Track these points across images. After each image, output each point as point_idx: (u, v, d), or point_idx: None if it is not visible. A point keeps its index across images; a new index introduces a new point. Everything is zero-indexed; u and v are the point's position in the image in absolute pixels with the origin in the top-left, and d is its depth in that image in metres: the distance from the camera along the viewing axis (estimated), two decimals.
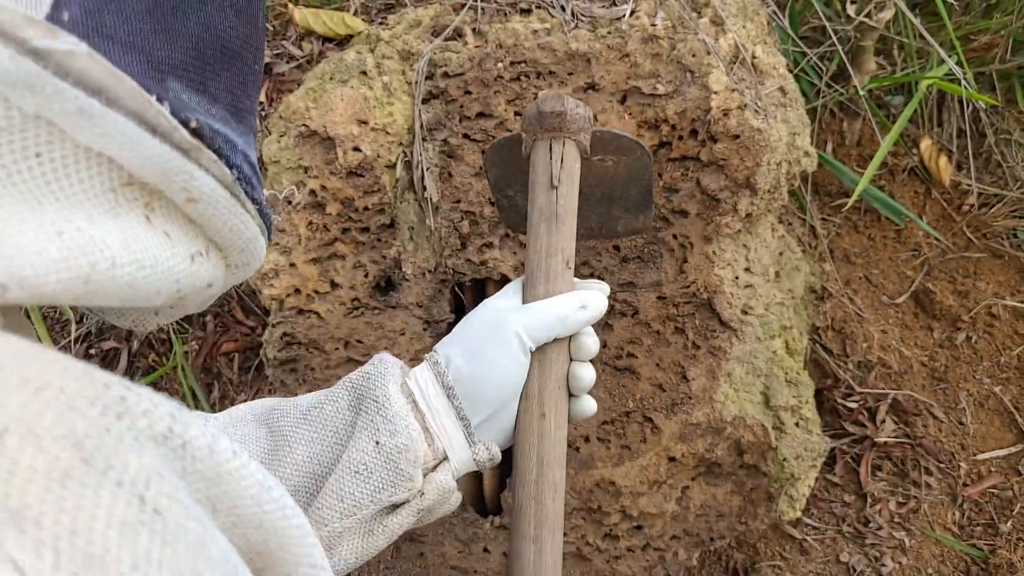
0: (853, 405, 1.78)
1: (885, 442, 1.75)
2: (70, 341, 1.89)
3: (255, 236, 0.52)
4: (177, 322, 1.90)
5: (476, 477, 1.67)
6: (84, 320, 1.92)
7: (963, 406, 1.79)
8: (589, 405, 0.87)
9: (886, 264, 1.91)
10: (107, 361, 1.94)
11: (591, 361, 0.89)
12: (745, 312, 1.48)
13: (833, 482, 1.75)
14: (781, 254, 1.68)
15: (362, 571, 1.59)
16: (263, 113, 1.62)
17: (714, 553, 1.70)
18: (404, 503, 0.79)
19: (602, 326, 1.54)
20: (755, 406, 1.48)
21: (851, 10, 1.71)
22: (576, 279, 0.91)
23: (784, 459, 1.48)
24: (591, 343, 0.85)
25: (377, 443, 0.76)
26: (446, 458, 0.81)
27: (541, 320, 0.81)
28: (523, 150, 0.97)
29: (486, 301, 0.89)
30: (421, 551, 1.61)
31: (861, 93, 1.87)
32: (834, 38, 1.66)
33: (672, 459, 1.49)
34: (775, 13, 1.63)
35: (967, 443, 1.75)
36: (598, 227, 1.08)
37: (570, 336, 0.85)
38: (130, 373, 1.91)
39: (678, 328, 1.49)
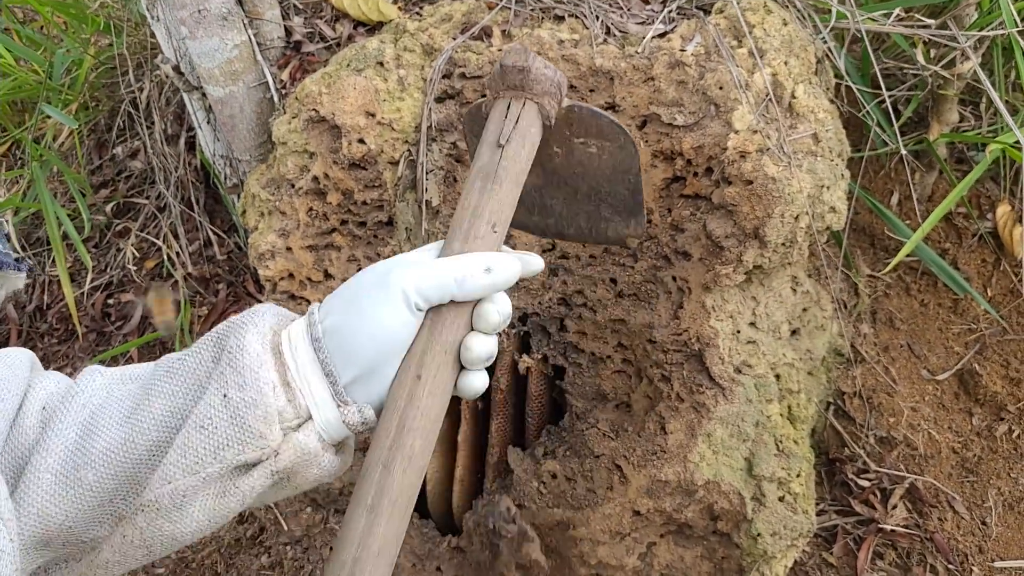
0: (865, 483, 1.64)
1: (893, 529, 1.60)
2: (84, 291, 1.94)
3: None
4: (190, 285, 1.91)
5: (447, 492, 1.61)
6: (107, 270, 1.96)
7: (990, 504, 1.62)
8: (477, 381, 0.76)
9: (934, 335, 1.75)
10: (123, 313, 1.97)
11: (495, 334, 0.79)
12: (739, 370, 1.37)
13: (828, 562, 1.61)
14: (805, 310, 1.55)
15: (313, 568, 1.56)
16: (284, 91, 1.59)
17: None
18: (257, 464, 0.72)
19: (594, 362, 1.46)
20: (734, 472, 1.37)
21: (921, 57, 1.55)
22: (510, 249, 0.81)
23: (758, 534, 1.37)
24: (493, 312, 0.75)
25: (225, 396, 0.71)
26: (310, 417, 0.73)
27: (434, 277, 0.73)
28: (483, 109, 0.90)
29: (398, 254, 0.81)
30: None
31: (933, 145, 1.71)
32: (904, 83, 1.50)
33: (637, 513, 1.40)
34: (830, 51, 1.49)
35: (986, 546, 1.59)
36: (587, 228, 1.00)
37: (474, 302, 0.76)
38: (141, 329, 1.94)
39: (664, 376, 1.39)
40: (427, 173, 1.46)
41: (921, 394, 1.71)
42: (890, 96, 1.64)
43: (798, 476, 1.42)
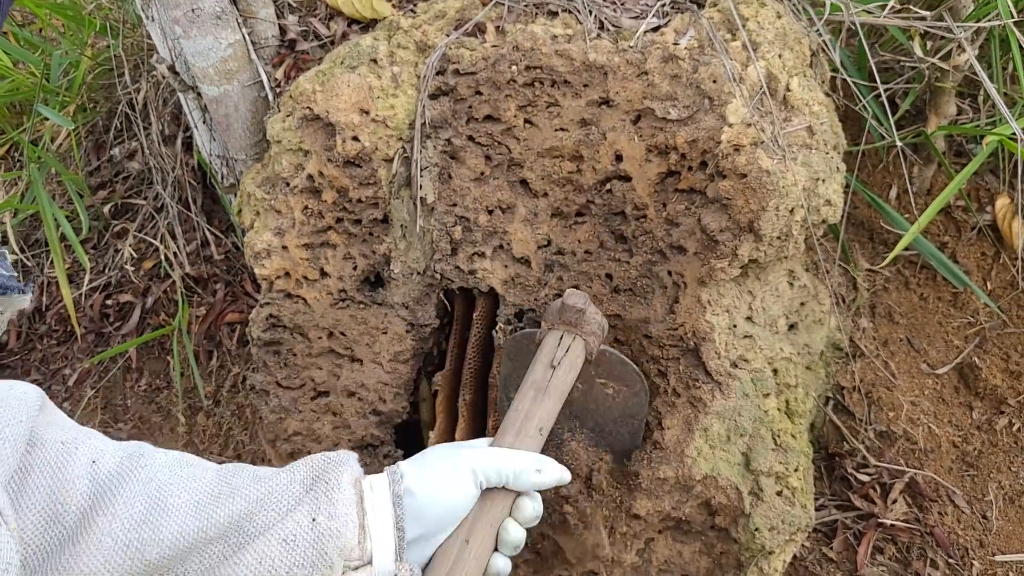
0: (865, 478, 1.63)
1: (893, 524, 1.59)
2: (83, 292, 1.94)
3: None
4: (187, 285, 1.91)
5: None
6: (106, 271, 1.96)
7: (990, 498, 1.61)
8: (503, 566, 0.88)
9: (933, 328, 1.74)
10: (122, 313, 1.97)
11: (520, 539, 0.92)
12: (735, 365, 1.37)
13: (828, 557, 1.61)
14: (802, 304, 1.55)
15: None
16: (279, 90, 1.59)
17: None
18: None
19: None
20: (732, 467, 1.36)
21: (918, 50, 1.54)
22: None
23: (756, 529, 1.36)
24: (530, 508, 0.89)
25: (314, 520, 0.77)
26: (370, 562, 0.80)
27: (496, 463, 0.86)
28: (536, 338, 1.06)
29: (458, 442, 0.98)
30: None
31: (931, 138, 1.70)
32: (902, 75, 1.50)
33: (636, 516, 1.39)
34: (825, 44, 1.49)
35: (987, 540, 1.58)
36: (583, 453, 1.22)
37: (517, 494, 0.89)
38: (140, 329, 1.94)
39: (660, 371, 1.39)
40: (422, 170, 1.46)
41: (921, 388, 1.70)
42: (887, 89, 1.64)
43: (796, 471, 1.41)
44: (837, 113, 1.49)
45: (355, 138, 1.45)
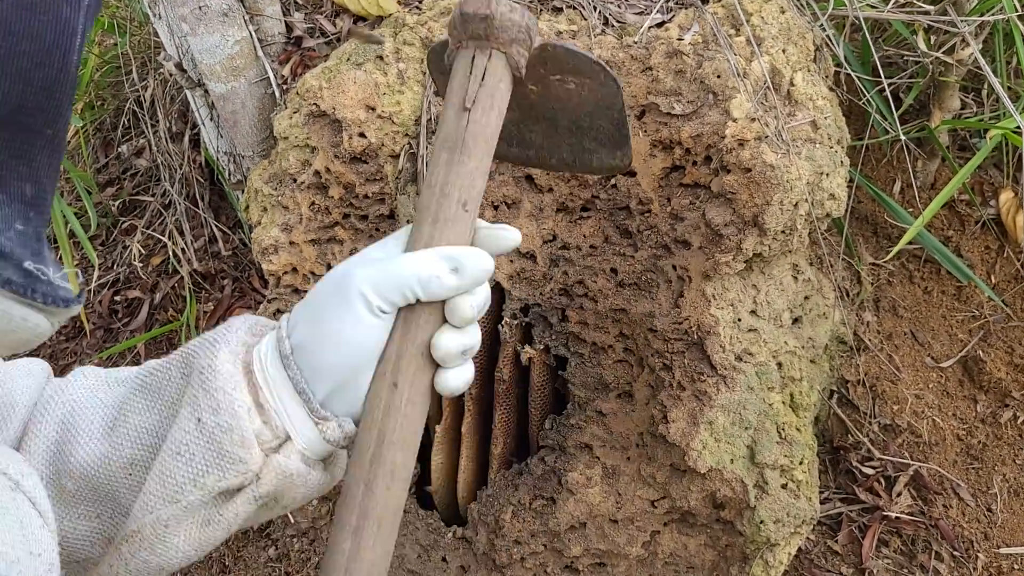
0: (870, 471, 1.64)
1: (898, 517, 1.60)
2: (92, 288, 1.95)
3: (3, 310, 0.49)
4: (195, 281, 1.93)
5: (451, 483, 1.62)
6: (114, 267, 1.98)
7: (995, 491, 1.61)
8: (454, 379, 0.70)
9: (938, 322, 1.75)
10: (130, 309, 1.99)
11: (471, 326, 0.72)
12: (740, 358, 1.37)
13: (834, 550, 1.61)
14: (807, 298, 1.55)
15: (320, 559, 1.57)
16: (285, 86, 1.60)
17: None
18: (240, 489, 0.69)
19: (595, 352, 1.46)
20: (737, 460, 1.37)
21: (922, 44, 1.54)
22: (484, 223, 0.75)
23: (761, 521, 1.37)
24: (466, 307, 0.69)
25: (199, 420, 0.67)
26: (289, 438, 0.69)
27: (394, 278, 0.67)
28: (446, 58, 0.80)
29: (361, 251, 0.75)
30: None
31: (935, 132, 1.71)
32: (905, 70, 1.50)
33: (650, 503, 1.40)
34: (828, 38, 1.49)
35: (991, 533, 1.59)
36: (571, 159, 0.92)
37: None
38: (148, 325, 1.95)
39: (666, 365, 1.39)
40: (427, 166, 1.47)
41: (925, 381, 1.70)
42: (890, 84, 1.64)
43: (801, 463, 1.42)
44: (841, 108, 1.50)
45: (361, 134, 1.46)
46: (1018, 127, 1.44)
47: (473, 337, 0.71)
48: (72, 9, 0.47)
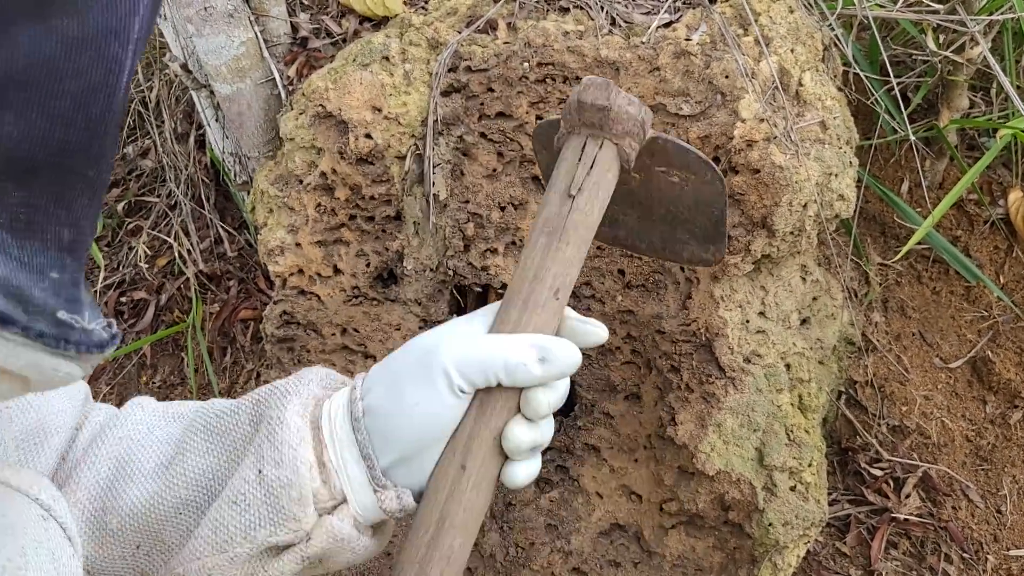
0: (878, 472, 1.63)
1: (906, 519, 1.59)
2: (98, 289, 1.95)
3: (34, 362, 0.48)
4: (201, 283, 1.92)
5: None
6: (120, 268, 1.98)
7: (1005, 493, 1.61)
8: (521, 473, 0.69)
9: (946, 323, 1.74)
10: (136, 310, 1.98)
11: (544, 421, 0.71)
12: (748, 360, 1.37)
13: (842, 552, 1.61)
14: (815, 299, 1.55)
15: None
16: (291, 87, 1.59)
17: None
18: (288, 547, 0.68)
19: (603, 354, 1.46)
20: (745, 462, 1.37)
21: (931, 43, 1.53)
22: (573, 314, 0.73)
23: (770, 524, 1.36)
24: (543, 401, 0.67)
25: (260, 472, 0.66)
26: (345, 500, 0.68)
27: (481, 360, 0.66)
28: (555, 141, 0.79)
29: (448, 322, 0.73)
30: (388, 550, 1.58)
31: (943, 132, 1.70)
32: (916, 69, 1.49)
33: (659, 505, 1.40)
34: (837, 38, 1.48)
35: (1001, 535, 1.58)
36: (660, 246, 0.92)
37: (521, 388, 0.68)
38: (154, 326, 1.95)
39: (673, 367, 1.39)
40: (434, 167, 1.46)
41: (934, 382, 1.70)
42: (899, 83, 1.64)
43: (810, 465, 1.41)
44: (849, 107, 1.49)
45: (368, 135, 1.45)
46: None
47: (545, 434, 0.70)
48: (121, 45, 0.44)
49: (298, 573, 0.70)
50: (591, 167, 0.73)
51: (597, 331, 0.73)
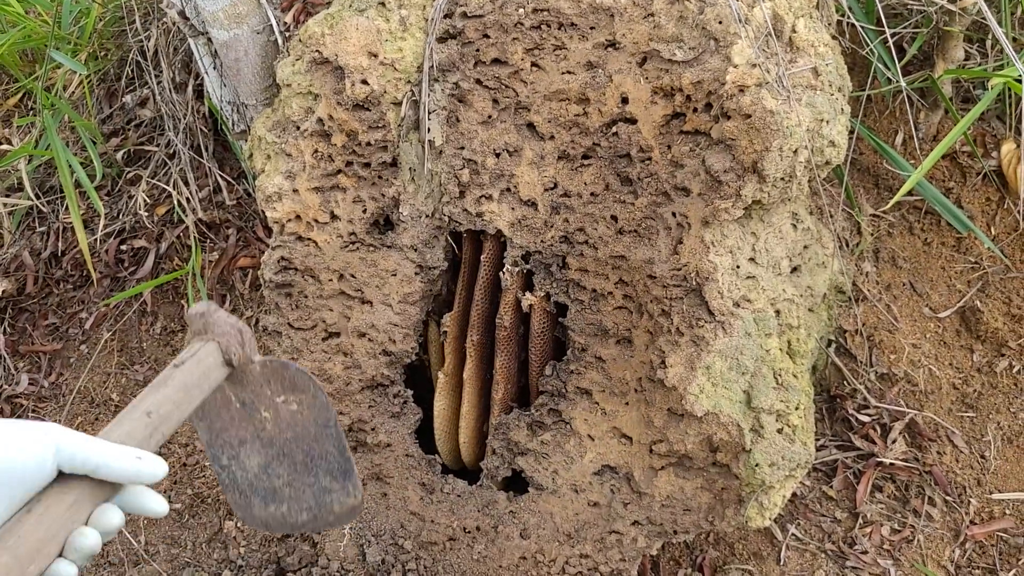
0: (866, 419, 1.66)
1: (892, 463, 1.63)
2: (98, 237, 1.97)
3: None
4: (200, 231, 1.94)
5: (454, 430, 1.65)
6: (120, 217, 1.99)
7: (989, 439, 1.64)
8: (68, 573, 0.73)
9: (936, 273, 1.76)
10: (136, 258, 2.01)
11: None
12: (738, 304, 1.39)
13: (828, 495, 1.64)
14: (806, 247, 1.57)
15: None
16: (288, 33, 1.60)
17: (685, 545, 1.64)
18: None
19: (595, 299, 1.48)
20: (733, 404, 1.40)
21: None
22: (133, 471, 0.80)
23: (756, 464, 1.40)
24: (115, 519, 0.75)
25: None
26: None
27: (86, 446, 0.73)
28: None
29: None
30: (384, 491, 1.62)
31: (938, 83, 1.70)
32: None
33: (648, 446, 1.43)
34: None
35: (984, 479, 1.61)
36: (317, 508, 1.05)
37: (104, 493, 0.75)
38: (154, 274, 1.97)
39: (664, 311, 1.41)
40: (429, 113, 1.48)
41: (922, 331, 1.72)
42: (894, 34, 1.64)
43: (797, 409, 1.44)
44: (844, 58, 1.50)
45: (364, 81, 1.46)
46: (1020, 76, 1.43)
47: (98, 549, 0.75)
48: None
49: None
50: (194, 352, 0.92)
51: (163, 466, 0.79)
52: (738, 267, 1.41)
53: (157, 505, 0.79)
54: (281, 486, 1.04)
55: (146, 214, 1.99)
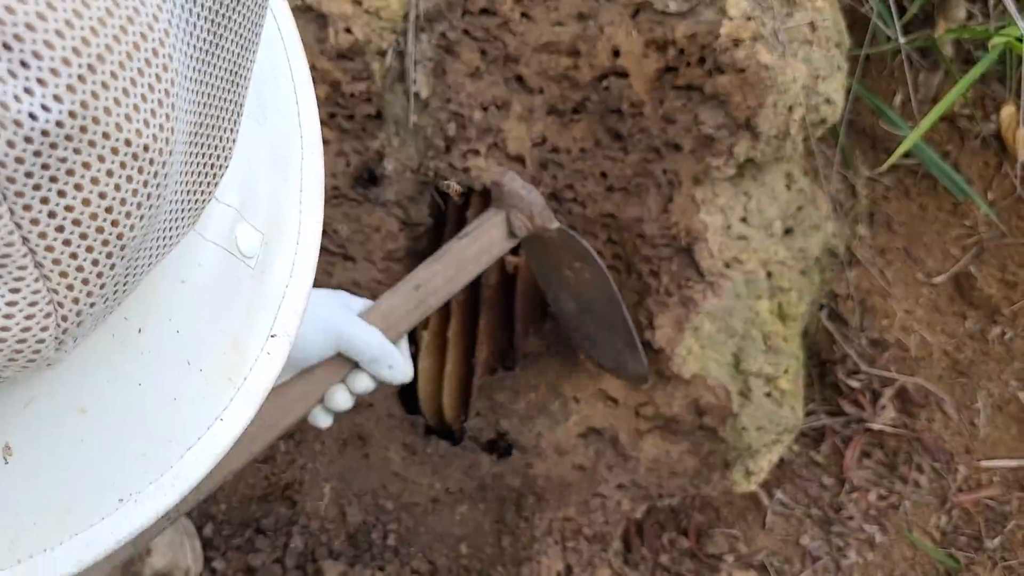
0: (856, 384, 1.64)
1: (881, 429, 1.61)
2: None
3: None
4: None
5: (438, 390, 1.62)
6: None
7: (979, 406, 1.62)
8: (323, 421, 1.02)
9: (932, 238, 1.73)
10: None
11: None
12: (728, 265, 1.36)
13: (816, 461, 1.63)
14: (800, 209, 1.53)
15: (305, 462, 1.58)
16: None
17: (671, 509, 1.62)
18: None
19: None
20: (721, 367, 1.37)
21: None
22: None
23: (743, 428, 1.38)
24: (366, 384, 0.97)
25: None
26: None
27: (362, 343, 0.94)
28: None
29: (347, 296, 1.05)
30: (366, 452, 1.59)
31: (939, 43, 1.66)
32: None
33: (634, 409, 1.41)
34: None
35: (973, 447, 1.60)
36: (615, 362, 1.20)
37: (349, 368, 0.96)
38: None
39: (653, 271, 1.38)
40: (415, 64, 1.43)
41: (916, 297, 1.70)
42: None
43: (786, 372, 1.42)
44: (842, 14, 1.46)
45: (347, 30, 1.42)
46: (1021, 35, 1.40)
47: (351, 404, 1.02)
48: None
49: None
50: (481, 223, 1.00)
51: (407, 375, 1.00)
52: (729, 227, 1.38)
53: (400, 378, 0.97)
54: (591, 333, 1.19)
55: None
